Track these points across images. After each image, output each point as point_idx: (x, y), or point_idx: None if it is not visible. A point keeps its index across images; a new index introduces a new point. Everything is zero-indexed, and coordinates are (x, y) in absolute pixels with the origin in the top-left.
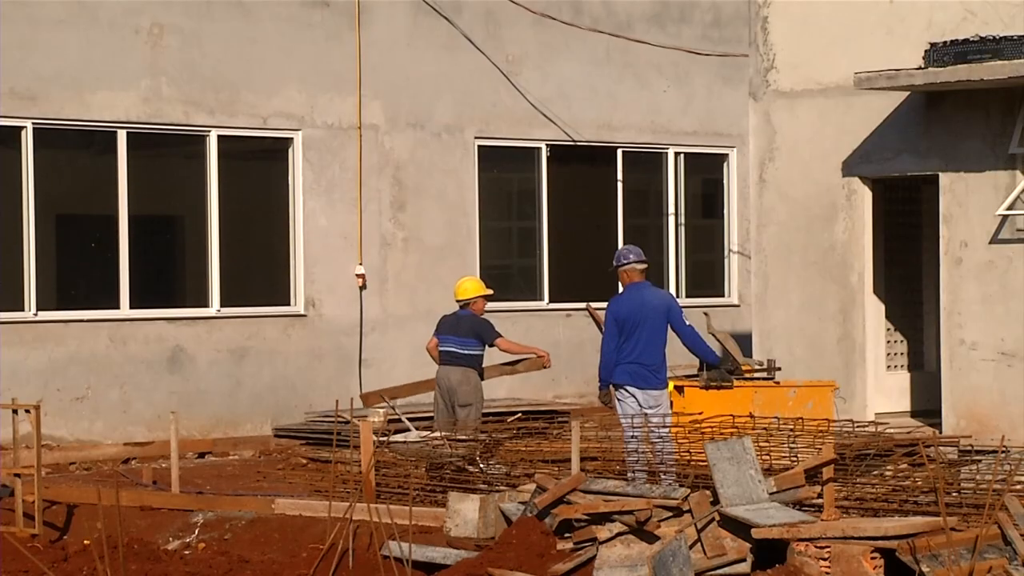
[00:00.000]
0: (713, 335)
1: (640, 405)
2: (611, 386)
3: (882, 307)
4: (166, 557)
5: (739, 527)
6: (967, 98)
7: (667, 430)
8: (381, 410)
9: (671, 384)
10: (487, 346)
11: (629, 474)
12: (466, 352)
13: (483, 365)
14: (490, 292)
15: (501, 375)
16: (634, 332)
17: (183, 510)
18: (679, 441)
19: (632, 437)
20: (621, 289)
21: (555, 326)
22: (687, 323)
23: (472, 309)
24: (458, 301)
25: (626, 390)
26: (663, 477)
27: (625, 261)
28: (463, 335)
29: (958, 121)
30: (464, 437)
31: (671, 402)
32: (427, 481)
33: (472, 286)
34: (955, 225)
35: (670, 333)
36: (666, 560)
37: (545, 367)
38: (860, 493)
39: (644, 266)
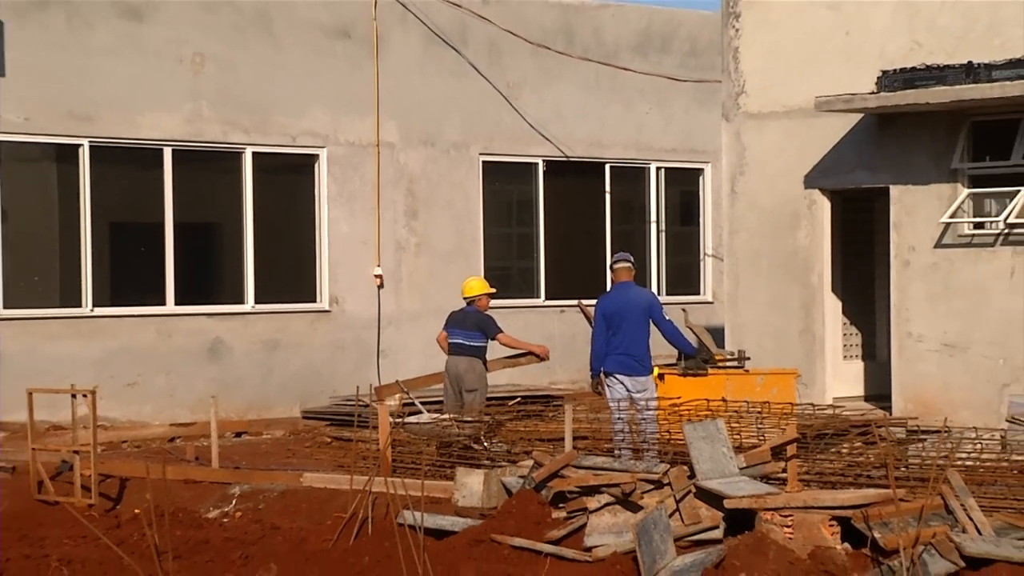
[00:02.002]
0: (690, 328)
1: (628, 390)
2: (601, 374)
3: (839, 304)
4: (207, 524)
5: (713, 498)
6: (915, 119)
7: (651, 412)
8: (397, 395)
9: (656, 371)
10: (490, 339)
11: (616, 451)
12: (472, 344)
13: (487, 357)
14: (493, 291)
15: (504, 367)
16: (620, 326)
17: (222, 483)
18: (660, 422)
19: (619, 419)
20: (609, 287)
21: (550, 321)
22: (667, 319)
23: (477, 306)
24: (464, 298)
25: (616, 377)
26: (646, 454)
27: (615, 261)
28: (469, 329)
29: (907, 140)
30: (470, 419)
31: (656, 387)
32: (437, 458)
33: (477, 285)
34: (904, 232)
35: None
36: (648, 527)
37: (545, 360)
38: (819, 468)
39: (629, 268)
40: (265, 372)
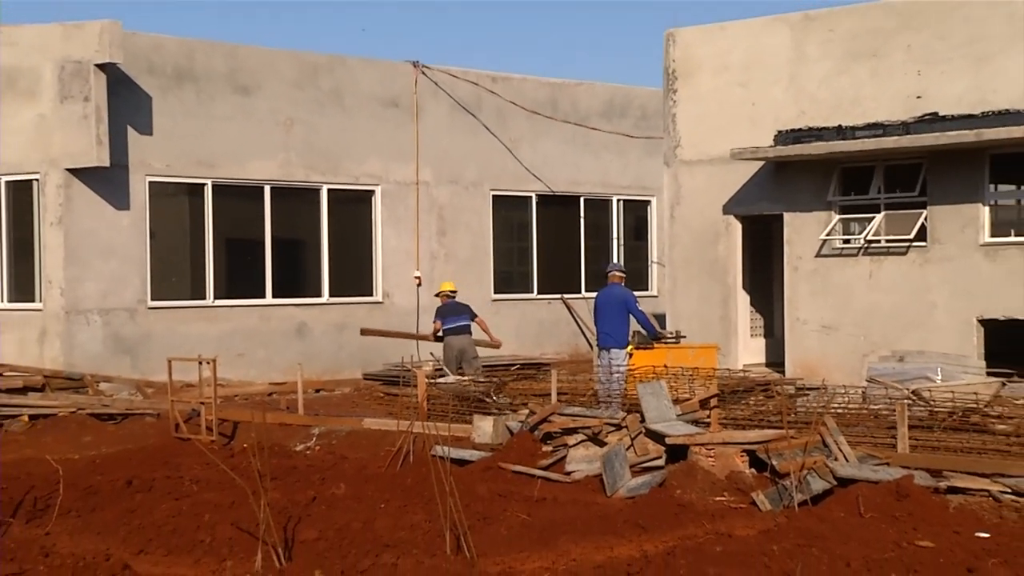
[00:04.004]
0: None
1: (610, 359)
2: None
3: (748, 298)
4: (295, 455)
5: (657, 437)
6: (801, 165)
7: (620, 375)
8: (431, 364)
9: (630, 347)
10: (473, 320)
11: (600, 401)
12: (466, 324)
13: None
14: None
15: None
16: (603, 313)
17: (305, 426)
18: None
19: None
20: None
21: (541, 309)
22: (639, 309)
23: (455, 299)
24: (451, 292)
25: (601, 348)
26: (612, 405)
27: (608, 269)
28: (465, 314)
29: (795, 180)
30: (483, 379)
31: (628, 356)
32: (459, 407)
33: (452, 284)
34: (793, 246)
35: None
36: (611, 457)
37: (497, 346)
38: (734, 415)
39: (620, 274)
40: (336, 347)
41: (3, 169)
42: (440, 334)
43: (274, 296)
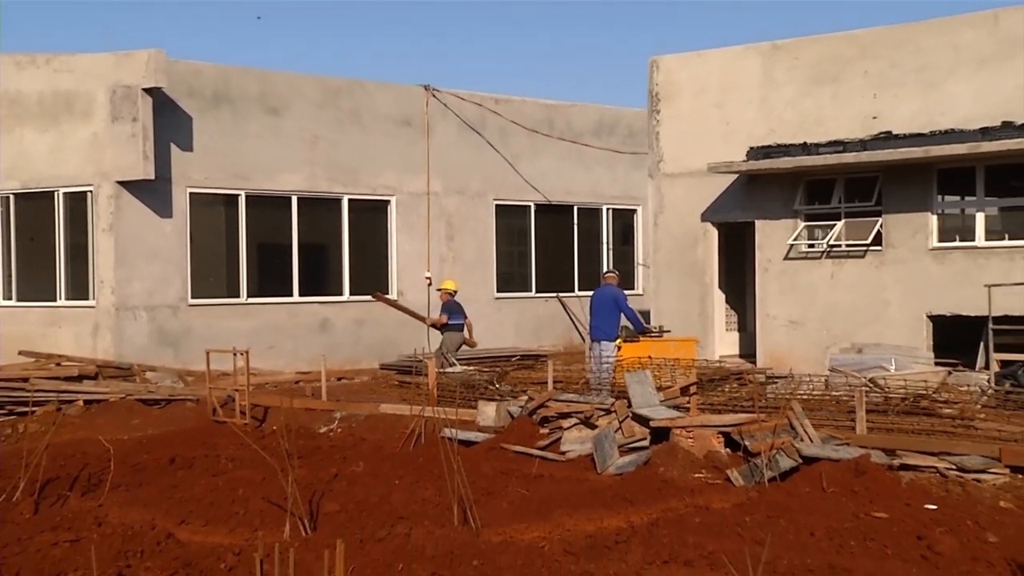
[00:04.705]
0: None
1: (600, 350)
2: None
3: (723, 296)
4: (319, 437)
5: (643, 421)
6: (770, 179)
7: (609, 365)
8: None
9: (619, 340)
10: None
11: (592, 389)
12: (464, 322)
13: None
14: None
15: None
16: (597, 310)
17: (328, 410)
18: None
19: (591, 370)
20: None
21: (539, 306)
22: (628, 307)
23: (454, 298)
24: (453, 292)
25: (593, 341)
26: (602, 392)
27: (604, 273)
28: (462, 313)
29: (765, 191)
30: (486, 369)
31: (617, 348)
32: (466, 394)
33: (455, 284)
34: (764, 250)
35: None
36: (602, 439)
37: (474, 347)
38: (711, 400)
39: (613, 276)
40: (356, 339)
41: (61, 182)
42: (444, 325)
43: (300, 295)
